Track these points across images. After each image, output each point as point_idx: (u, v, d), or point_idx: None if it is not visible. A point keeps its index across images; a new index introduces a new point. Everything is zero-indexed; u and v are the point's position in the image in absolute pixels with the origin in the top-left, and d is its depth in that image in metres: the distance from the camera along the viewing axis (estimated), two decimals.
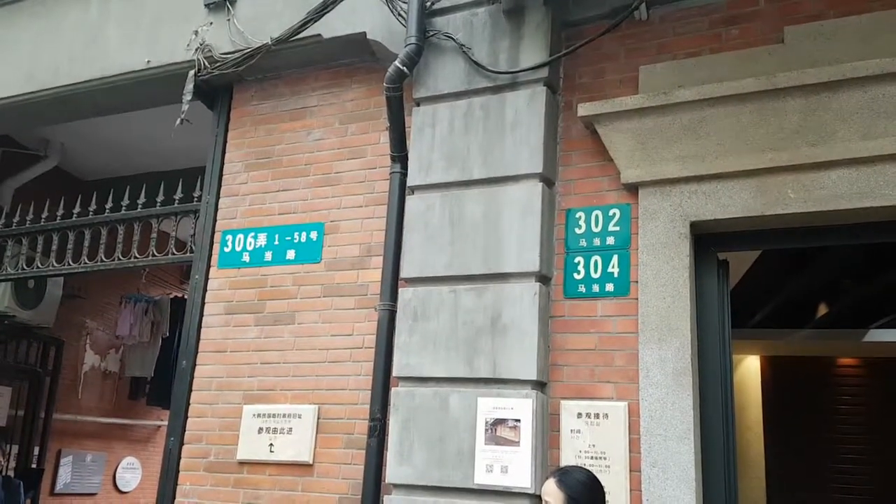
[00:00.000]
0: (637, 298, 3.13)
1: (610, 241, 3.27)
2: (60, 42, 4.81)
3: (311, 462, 3.57)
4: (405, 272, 3.49)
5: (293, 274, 3.93)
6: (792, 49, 3.11)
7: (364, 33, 3.86)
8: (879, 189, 2.84)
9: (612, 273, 3.24)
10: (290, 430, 3.65)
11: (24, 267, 4.98)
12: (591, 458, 2.98)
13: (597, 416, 3.08)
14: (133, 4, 4.63)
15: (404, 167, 3.65)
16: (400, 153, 3.66)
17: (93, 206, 4.78)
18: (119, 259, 4.63)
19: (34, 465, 6.71)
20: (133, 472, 8.22)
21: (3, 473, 6.09)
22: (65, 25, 4.84)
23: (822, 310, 6.46)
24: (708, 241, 3.22)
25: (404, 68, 3.53)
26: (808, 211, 2.94)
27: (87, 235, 4.75)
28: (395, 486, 3.23)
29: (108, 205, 4.73)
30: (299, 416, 3.65)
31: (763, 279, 5.64)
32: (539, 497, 2.97)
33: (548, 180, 3.36)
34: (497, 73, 3.48)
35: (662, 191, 3.18)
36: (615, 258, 3.25)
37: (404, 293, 3.46)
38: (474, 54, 3.55)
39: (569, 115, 3.48)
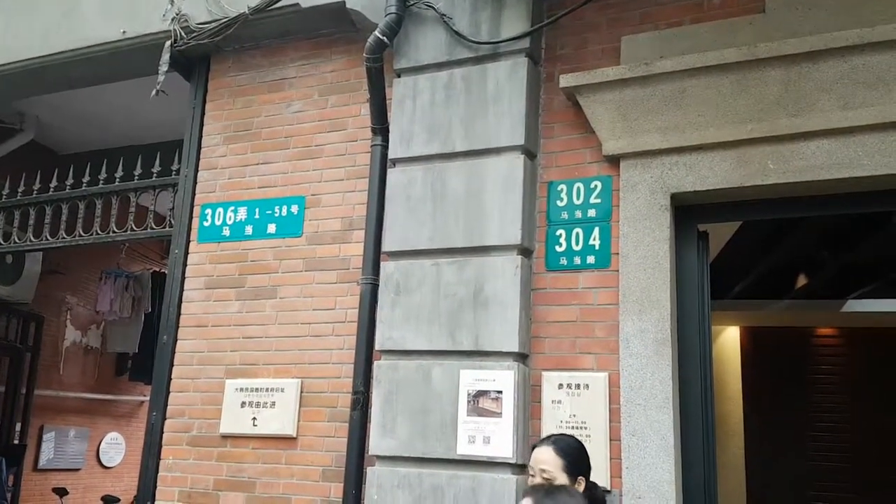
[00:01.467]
0: (618, 270, 3.14)
1: (591, 213, 3.27)
2: (35, 13, 4.70)
3: (294, 435, 3.58)
4: (387, 246, 3.48)
5: (274, 248, 3.90)
6: (773, 19, 3.10)
7: (343, 2, 3.79)
8: (858, 159, 2.86)
9: (594, 245, 3.24)
10: (273, 403, 3.65)
11: (2, 242, 4.91)
12: (572, 427, 3.01)
13: (578, 386, 3.10)
14: None
15: (385, 140, 3.62)
16: (381, 125, 3.63)
17: (70, 181, 4.71)
18: (97, 234, 4.58)
19: (16, 441, 6.69)
20: (117, 448, 8.23)
21: None
22: None
23: (802, 281, 6.53)
24: (688, 212, 3.22)
25: (384, 38, 3.48)
26: (788, 182, 2.95)
27: (65, 210, 4.69)
28: (379, 457, 3.25)
29: (86, 178, 4.66)
30: (282, 390, 3.65)
31: (743, 251, 5.68)
32: (521, 466, 3.02)
33: (529, 153, 3.35)
34: (478, 44, 3.45)
35: (643, 163, 3.17)
36: (596, 230, 3.25)
37: (386, 267, 3.46)
38: (455, 24, 3.51)
39: (550, 87, 3.45)
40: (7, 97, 5.26)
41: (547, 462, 2.51)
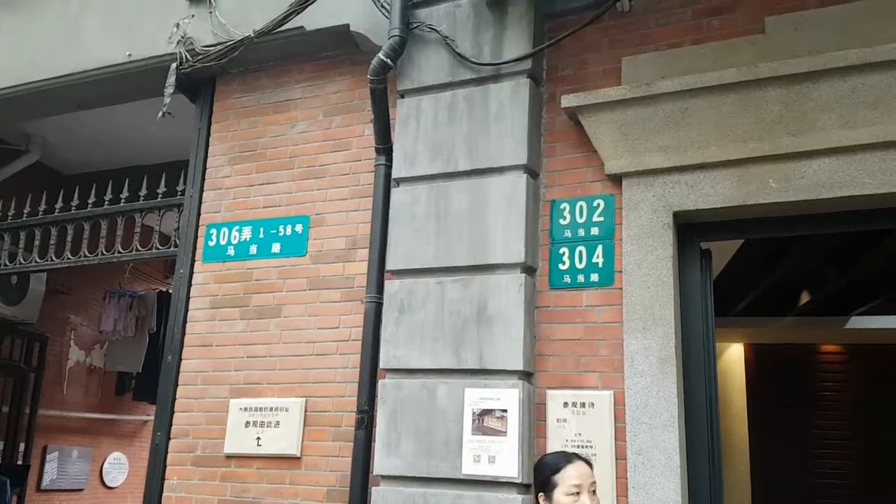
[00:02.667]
0: (621, 288, 3.15)
1: (594, 231, 3.29)
2: (40, 35, 4.75)
3: (298, 455, 3.58)
4: (391, 264, 3.50)
5: (279, 267, 3.92)
6: (773, 39, 3.13)
7: (347, 25, 3.84)
8: (860, 178, 2.88)
9: (597, 263, 3.26)
10: (278, 423, 3.65)
11: (7, 263, 4.93)
12: (578, 446, 3.00)
13: (583, 405, 3.11)
14: None
15: (389, 159, 3.65)
16: (385, 145, 3.66)
17: (75, 201, 4.74)
18: (103, 254, 4.60)
19: (20, 462, 6.67)
20: (120, 468, 8.19)
21: None
22: (45, 18, 4.78)
23: (805, 297, 6.54)
24: (691, 230, 3.24)
25: (388, 60, 3.52)
26: (790, 200, 2.97)
27: (70, 230, 4.72)
28: (384, 477, 3.25)
29: (91, 199, 4.69)
30: (286, 410, 3.65)
31: (746, 268, 5.69)
32: (526, 486, 3.01)
33: (532, 172, 3.38)
34: (481, 65, 3.49)
35: (646, 181, 3.20)
36: (599, 248, 3.27)
37: (390, 285, 3.47)
38: (458, 46, 3.55)
39: (552, 107, 3.49)
40: (13, 118, 5.30)
41: (591, 476, 2.56)
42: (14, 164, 5.79)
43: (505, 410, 3.11)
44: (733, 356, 7.42)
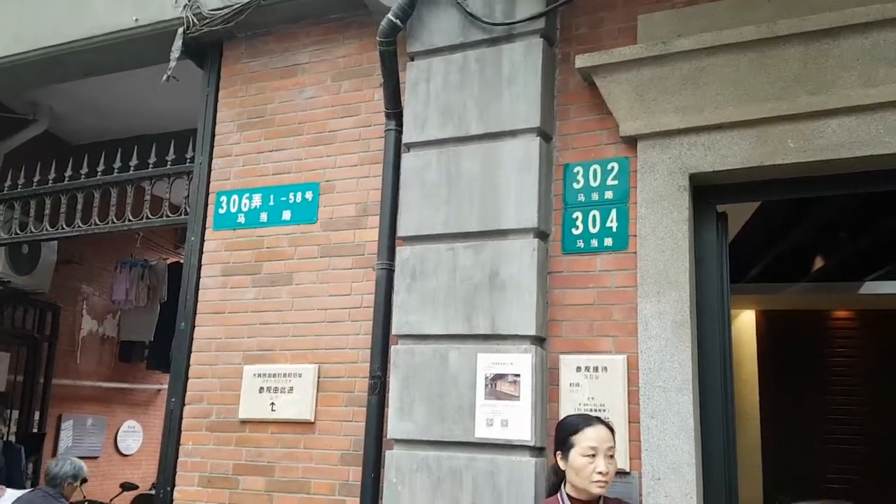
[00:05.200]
0: (636, 252, 3.12)
1: (608, 195, 3.25)
2: (47, 2, 4.69)
3: (312, 420, 3.60)
4: (402, 231, 3.47)
5: (289, 235, 3.90)
6: None
7: None
8: (879, 137, 2.82)
9: (611, 227, 3.22)
10: (291, 389, 3.67)
11: (18, 231, 4.94)
12: (590, 410, 3.00)
13: (595, 369, 3.09)
14: None
15: (399, 124, 3.61)
16: (395, 110, 3.61)
17: (84, 170, 4.72)
18: (113, 222, 4.59)
19: (35, 430, 6.76)
20: (134, 436, 8.30)
21: (4, 439, 6.13)
22: None
23: (818, 263, 6.49)
24: (707, 193, 3.20)
25: (397, 21, 3.46)
26: (808, 160, 2.91)
27: (80, 199, 4.71)
28: (397, 441, 3.26)
29: (100, 168, 4.67)
30: (300, 376, 3.67)
31: (759, 234, 5.65)
32: (539, 448, 3.02)
33: (545, 135, 3.33)
34: (492, 25, 3.42)
35: (661, 143, 3.14)
36: (613, 212, 3.23)
37: (402, 252, 3.45)
38: (469, 6, 3.48)
39: (566, 68, 3.42)
40: (20, 87, 5.27)
41: (609, 440, 2.60)
42: (22, 133, 5.77)
43: (518, 375, 3.10)
44: (745, 323, 7.40)
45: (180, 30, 4.14)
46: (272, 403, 3.68)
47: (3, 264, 5.79)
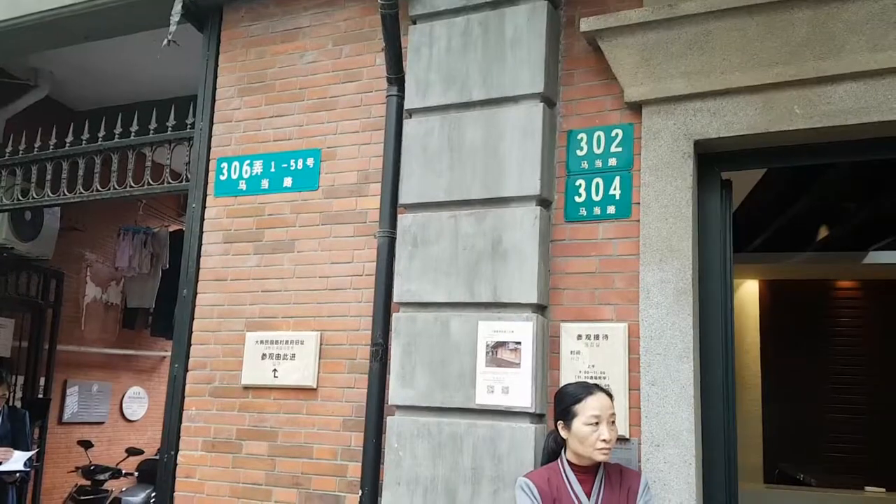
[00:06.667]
0: (639, 220, 3.10)
1: (612, 162, 3.22)
2: None
3: (314, 386, 3.62)
4: (404, 198, 3.45)
5: (291, 202, 3.88)
6: None
7: None
8: (888, 103, 2.77)
9: (614, 195, 3.20)
10: (293, 356, 3.68)
11: (20, 197, 4.93)
12: (591, 377, 3.00)
13: (596, 337, 3.09)
14: None
15: (401, 90, 3.56)
16: (396, 75, 3.56)
17: (86, 136, 4.69)
18: (115, 188, 4.57)
19: (40, 395, 6.82)
20: (140, 402, 8.38)
21: (10, 404, 6.18)
22: None
23: (822, 233, 6.46)
24: (712, 160, 3.16)
25: None
26: (814, 127, 2.87)
27: (82, 165, 4.68)
28: (398, 407, 3.28)
29: (101, 133, 4.64)
30: (302, 343, 3.68)
31: (763, 203, 5.61)
32: (539, 415, 3.04)
33: (549, 101, 3.29)
34: None
35: (666, 109, 3.10)
36: (617, 180, 3.20)
37: (403, 219, 3.43)
38: None
39: (571, 32, 3.37)
40: (20, 52, 5.21)
41: (611, 407, 2.63)
42: (23, 99, 5.73)
43: (519, 343, 3.10)
44: (748, 292, 7.39)
45: None
46: (275, 370, 3.70)
47: (6, 231, 5.80)
